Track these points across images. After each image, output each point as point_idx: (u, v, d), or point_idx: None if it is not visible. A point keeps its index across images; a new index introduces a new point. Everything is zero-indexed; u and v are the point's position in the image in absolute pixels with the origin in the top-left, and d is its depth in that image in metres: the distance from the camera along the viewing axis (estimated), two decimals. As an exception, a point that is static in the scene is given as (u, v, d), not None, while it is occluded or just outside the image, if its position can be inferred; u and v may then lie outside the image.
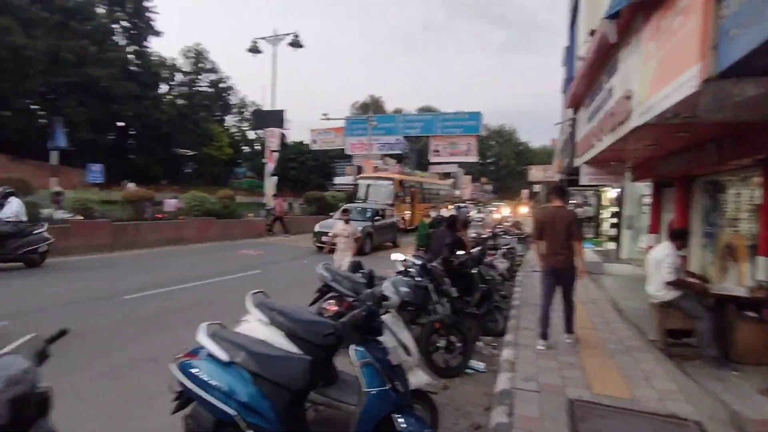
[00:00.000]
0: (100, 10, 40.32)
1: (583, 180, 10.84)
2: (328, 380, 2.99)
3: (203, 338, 2.62)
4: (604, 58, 6.46)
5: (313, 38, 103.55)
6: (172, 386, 2.68)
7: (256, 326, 3.08)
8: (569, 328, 5.31)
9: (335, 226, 8.42)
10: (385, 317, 3.07)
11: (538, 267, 5.77)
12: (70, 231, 11.56)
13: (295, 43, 21.11)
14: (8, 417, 1.28)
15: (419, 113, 51.76)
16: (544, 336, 5.15)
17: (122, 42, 42.25)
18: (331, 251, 8.05)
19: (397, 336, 3.31)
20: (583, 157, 8.88)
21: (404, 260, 5.36)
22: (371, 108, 48.46)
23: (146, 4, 42.73)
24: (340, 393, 2.97)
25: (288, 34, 21.41)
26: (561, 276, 5.20)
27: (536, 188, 40.13)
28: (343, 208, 11.25)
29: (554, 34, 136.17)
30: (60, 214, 12.16)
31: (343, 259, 7.69)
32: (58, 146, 14.50)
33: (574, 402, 3.72)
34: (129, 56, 42.08)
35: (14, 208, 9.08)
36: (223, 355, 2.48)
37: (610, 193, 14.46)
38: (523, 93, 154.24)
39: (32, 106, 35.33)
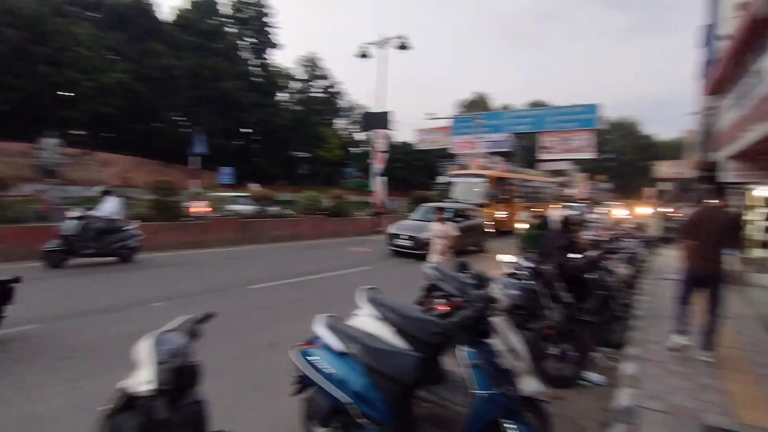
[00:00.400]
0: (231, 29, 45.19)
1: (726, 176, 9.44)
2: (436, 378, 3.02)
3: (320, 329, 2.82)
4: (757, 36, 5.58)
5: (421, 36, 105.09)
6: (292, 371, 2.93)
7: (367, 320, 3.22)
8: (708, 345, 4.68)
9: (431, 226, 8.07)
10: (494, 320, 3.01)
11: (677, 272, 5.18)
12: (206, 226, 13.18)
13: (403, 46, 21.50)
14: (172, 383, 1.53)
15: (529, 108, 49.44)
16: (681, 332, 4.63)
17: (247, 56, 46.88)
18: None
19: (506, 340, 3.22)
20: (727, 150, 7.75)
21: (513, 262, 5.19)
22: (478, 105, 47.53)
23: (266, 20, 47.01)
24: (447, 392, 2.98)
25: (395, 38, 21.88)
26: (706, 283, 4.61)
27: (663, 186, 35.89)
28: (437, 206, 11.05)
29: (686, 12, 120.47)
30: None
31: (440, 261, 7.45)
32: (198, 152, 16.58)
33: (713, 429, 3.28)
34: (253, 69, 46.55)
35: (110, 206, 9.64)
36: (338, 346, 2.65)
37: (760, 192, 12.37)
38: (649, 81, 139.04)
39: (176, 118, 40.86)
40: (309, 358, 2.77)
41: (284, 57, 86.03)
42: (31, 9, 31.67)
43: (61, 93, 32.25)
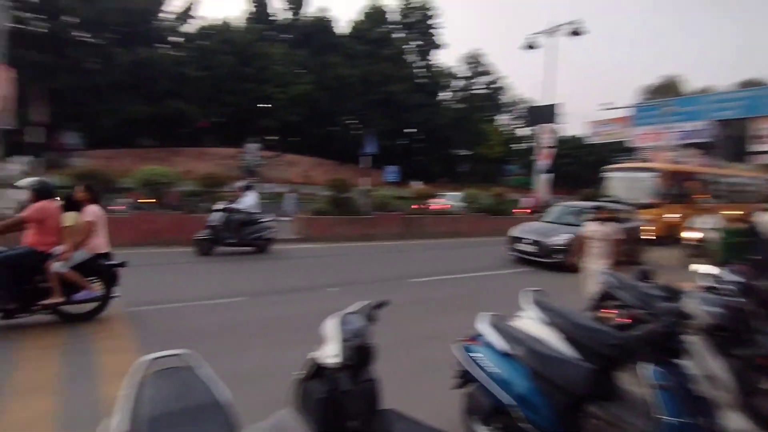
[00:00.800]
0: (398, 35, 47.65)
1: None
2: (609, 394, 2.76)
3: (484, 327, 2.82)
4: None
5: (597, 18, 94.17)
6: (453, 364, 3.00)
7: (532, 323, 3.10)
8: None
9: (587, 226, 6.68)
10: (688, 339, 2.61)
11: None
12: (373, 221, 14.24)
13: (576, 32, 19.86)
14: (353, 360, 1.72)
15: (738, 89, 40.77)
16: None
17: (413, 59, 48.82)
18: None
19: (703, 364, 2.76)
20: None
21: (712, 274, 4.38)
22: (667, 90, 41.12)
23: (431, 22, 48.25)
24: (623, 411, 2.69)
25: (566, 24, 20.32)
26: None
27: None
28: (596, 205, 9.33)
29: None
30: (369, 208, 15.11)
31: (598, 269, 6.05)
32: (369, 152, 17.95)
33: None
34: (418, 70, 48.34)
35: (249, 200, 10.36)
36: (502, 346, 2.62)
37: None
38: None
39: (349, 122, 44.88)
40: (471, 354, 2.80)
41: (448, 56, 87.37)
42: (241, 37, 38.31)
43: (260, 105, 38.34)
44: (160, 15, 36.55)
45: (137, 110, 32.66)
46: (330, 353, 1.77)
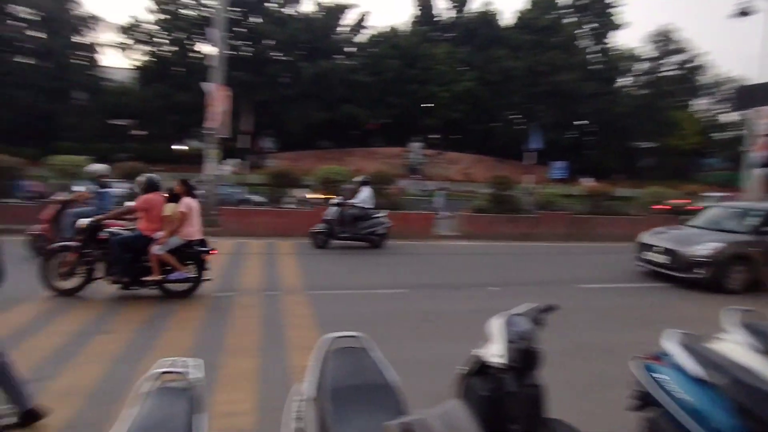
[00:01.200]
0: (570, 19, 43.96)
1: None
2: None
3: (672, 346, 2.47)
4: None
5: None
6: (630, 383, 2.70)
7: (737, 349, 2.60)
8: None
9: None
10: None
11: None
12: (536, 221, 13.55)
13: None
14: (519, 362, 1.69)
15: None
16: None
17: (586, 44, 44.50)
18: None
19: None
20: None
21: None
22: None
23: (608, 1, 43.24)
24: None
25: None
26: None
27: None
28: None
29: None
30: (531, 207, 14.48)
31: None
32: (534, 148, 17.08)
33: None
34: (592, 56, 43.91)
35: (364, 195, 10.35)
36: (696, 370, 2.26)
37: None
38: None
39: (512, 116, 43.19)
40: (655, 375, 2.48)
41: (629, 36, 76.71)
42: (407, 41, 40.07)
43: (424, 105, 39.58)
44: (338, 29, 40.56)
45: (317, 116, 36.91)
46: (495, 353, 1.77)
